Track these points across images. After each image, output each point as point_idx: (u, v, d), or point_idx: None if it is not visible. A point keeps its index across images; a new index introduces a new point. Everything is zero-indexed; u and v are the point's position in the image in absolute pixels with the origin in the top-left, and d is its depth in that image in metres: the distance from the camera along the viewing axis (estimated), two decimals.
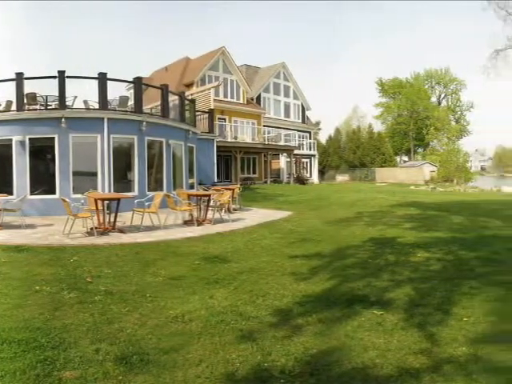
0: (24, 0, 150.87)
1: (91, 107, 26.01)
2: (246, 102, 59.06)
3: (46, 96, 25.77)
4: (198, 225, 19.76)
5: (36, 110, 25.52)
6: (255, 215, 23.99)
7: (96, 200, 17.46)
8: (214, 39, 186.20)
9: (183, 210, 20.52)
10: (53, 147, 23.75)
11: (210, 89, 45.27)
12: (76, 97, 26.21)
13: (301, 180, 59.20)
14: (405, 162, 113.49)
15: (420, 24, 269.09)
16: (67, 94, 24.74)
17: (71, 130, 23.80)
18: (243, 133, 55.29)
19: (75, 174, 24.02)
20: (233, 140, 50.73)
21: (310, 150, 68.13)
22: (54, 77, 24.21)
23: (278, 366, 6.30)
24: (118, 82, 28.13)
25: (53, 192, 23.49)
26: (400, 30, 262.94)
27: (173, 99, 31.12)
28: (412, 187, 59.55)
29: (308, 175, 66.75)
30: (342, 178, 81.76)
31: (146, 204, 19.68)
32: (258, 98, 63.46)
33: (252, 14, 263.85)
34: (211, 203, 21.41)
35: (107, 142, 24.36)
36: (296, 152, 60.13)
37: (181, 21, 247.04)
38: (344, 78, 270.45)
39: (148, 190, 25.41)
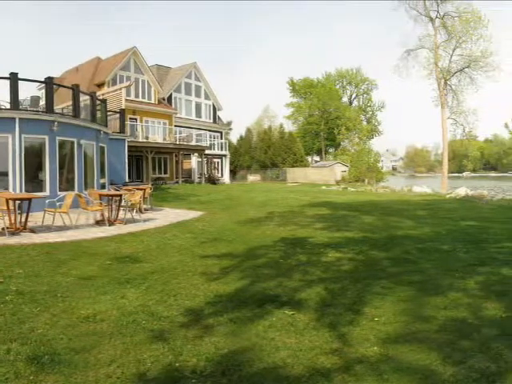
0: None
1: (2, 107, 25.59)
2: (157, 102, 59.00)
3: None
4: (110, 225, 19.60)
5: None
6: (167, 215, 23.95)
7: (7, 200, 17.14)
8: (124, 39, 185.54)
9: (95, 210, 20.32)
10: None
11: (121, 89, 44.98)
12: None
13: (212, 180, 59.29)
14: (316, 161, 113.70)
15: (331, 24, 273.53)
16: None
17: None
18: (154, 133, 55.21)
19: None
20: (144, 140, 50.67)
21: (222, 149, 68.20)
22: None
23: (190, 366, 6.30)
24: (29, 82, 27.76)
25: None
26: (311, 30, 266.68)
27: (84, 99, 30.84)
28: (323, 187, 59.82)
29: (219, 175, 66.81)
30: (253, 177, 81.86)
31: (58, 204, 19.39)
32: (170, 98, 63.31)
33: (162, 14, 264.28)
34: (123, 203, 21.26)
35: (18, 141, 23.97)
36: (207, 152, 60.31)
37: (92, 21, 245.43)
38: (255, 78, 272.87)
39: (59, 190, 25.06)
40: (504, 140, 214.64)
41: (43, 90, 31.57)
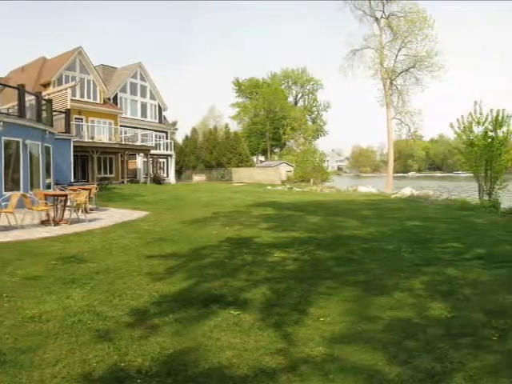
0: None
1: None
2: (103, 102, 58.68)
3: None
4: (55, 225, 19.45)
5: None
6: (112, 215, 23.83)
7: None
8: (71, 39, 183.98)
9: (40, 210, 20.15)
10: None
11: (66, 89, 44.72)
12: None
13: (157, 180, 59.07)
14: (261, 161, 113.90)
15: (277, 24, 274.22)
16: None
17: None
18: (100, 133, 54.92)
19: None
20: (90, 140, 50.40)
21: (167, 149, 67.97)
22: None
23: (135, 366, 6.29)
24: None
25: None
26: (257, 31, 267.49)
27: (29, 99, 30.53)
28: (269, 187, 59.89)
29: (165, 175, 66.53)
30: (198, 177, 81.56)
31: (3, 204, 19.19)
32: (115, 98, 62.98)
33: (109, 14, 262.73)
34: (68, 203, 21.08)
35: None
36: (153, 152, 60.17)
37: (38, 21, 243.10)
38: (201, 78, 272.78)
39: (5, 190, 24.72)
40: (449, 140, 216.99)
41: None
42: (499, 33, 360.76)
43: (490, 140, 35.93)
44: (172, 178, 67.55)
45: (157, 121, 70.73)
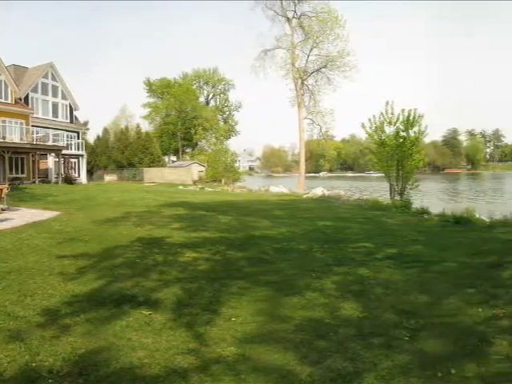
0: None
1: None
2: (14, 101, 57.53)
3: None
4: None
5: None
6: (23, 215, 23.36)
7: None
8: None
9: None
10: None
11: None
12: None
13: (69, 180, 58.44)
14: (173, 161, 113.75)
15: (189, 24, 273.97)
16: None
17: None
18: (11, 133, 53.94)
19: None
20: (1, 140, 49.54)
21: (79, 149, 67.22)
22: None
23: (46, 366, 6.26)
24: None
25: None
26: (169, 30, 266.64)
27: None
28: (181, 187, 59.93)
29: (76, 175, 65.74)
30: (110, 177, 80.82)
31: None
32: (26, 98, 61.96)
33: (21, 13, 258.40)
34: None
35: None
36: (64, 152, 59.54)
37: None
38: (112, 78, 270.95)
39: None
40: (361, 140, 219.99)
41: None
42: (413, 33, 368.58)
43: (401, 140, 36.56)
44: (83, 178, 66.79)
45: (68, 121, 69.78)
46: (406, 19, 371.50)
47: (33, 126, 59.02)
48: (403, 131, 36.76)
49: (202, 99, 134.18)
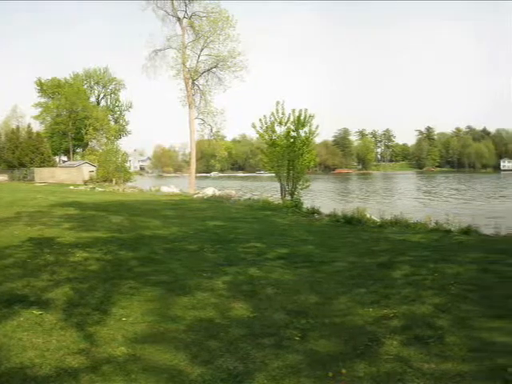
0: None
1: None
2: None
3: None
4: None
5: None
6: None
7: None
8: None
9: None
10: None
11: None
12: None
13: None
14: (64, 161, 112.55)
15: (82, 24, 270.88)
16: None
17: None
18: None
19: None
20: None
21: None
22: None
23: None
24: None
25: None
26: (61, 30, 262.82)
27: None
28: (71, 187, 59.33)
29: None
30: (0, 178, 79.40)
31: None
32: None
33: None
34: None
35: None
36: None
37: None
38: (2, 78, 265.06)
39: None
40: (252, 140, 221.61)
41: None
42: (309, 34, 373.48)
43: (292, 140, 36.91)
44: None
45: None
46: (302, 21, 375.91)
47: None
48: (294, 131, 37.13)
49: (92, 99, 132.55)
